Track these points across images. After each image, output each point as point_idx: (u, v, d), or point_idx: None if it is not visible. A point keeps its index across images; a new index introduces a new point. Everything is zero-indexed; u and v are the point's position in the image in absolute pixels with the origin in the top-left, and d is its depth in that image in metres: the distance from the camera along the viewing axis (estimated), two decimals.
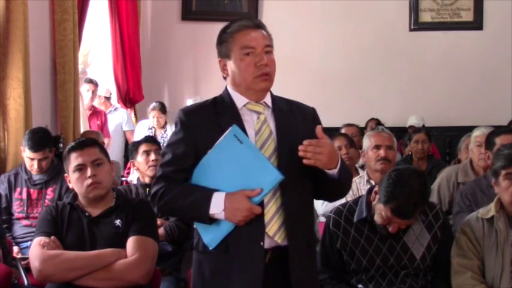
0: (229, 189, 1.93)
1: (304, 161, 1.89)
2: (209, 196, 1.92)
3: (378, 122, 6.55)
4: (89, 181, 2.47)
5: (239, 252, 1.94)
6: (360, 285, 2.51)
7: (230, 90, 2.07)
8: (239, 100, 2.04)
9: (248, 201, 1.89)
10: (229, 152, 1.92)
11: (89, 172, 2.48)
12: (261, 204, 1.92)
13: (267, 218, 1.94)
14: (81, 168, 2.49)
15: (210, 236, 1.98)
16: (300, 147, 1.89)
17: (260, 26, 2.05)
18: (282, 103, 2.10)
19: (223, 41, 2.04)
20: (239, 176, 1.92)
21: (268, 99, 2.07)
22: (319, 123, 2.12)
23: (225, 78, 2.09)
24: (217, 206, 1.91)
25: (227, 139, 1.93)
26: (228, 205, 1.90)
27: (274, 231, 1.94)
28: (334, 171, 1.95)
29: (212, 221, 1.95)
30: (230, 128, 1.93)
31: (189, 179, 2.00)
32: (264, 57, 1.99)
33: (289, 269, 1.95)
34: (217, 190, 1.94)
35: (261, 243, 1.93)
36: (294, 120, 2.05)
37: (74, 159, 2.51)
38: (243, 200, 1.89)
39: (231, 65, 2.03)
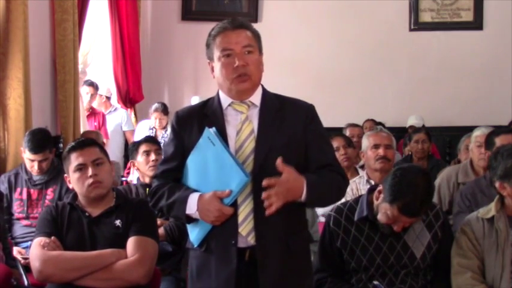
0: (205, 190, 1.99)
1: (267, 212, 1.89)
2: (186, 197, 2.00)
3: (375, 123, 6.53)
4: (90, 180, 2.48)
5: (216, 251, 2.02)
6: (375, 282, 2.48)
7: (219, 91, 2.11)
8: (224, 100, 2.08)
9: (218, 202, 1.94)
10: (204, 154, 2.00)
11: (90, 171, 2.48)
12: (235, 204, 1.96)
13: (240, 218, 1.98)
14: (81, 168, 2.50)
15: (194, 234, 2.07)
16: (264, 196, 1.88)
17: (241, 26, 2.04)
18: (273, 101, 2.10)
19: (208, 44, 2.08)
20: (214, 177, 1.98)
21: (255, 98, 2.08)
22: (316, 120, 2.12)
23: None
24: (191, 206, 1.99)
25: (203, 141, 2.01)
26: (201, 206, 1.97)
27: (247, 232, 1.98)
28: (300, 200, 1.96)
29: (190, 220, 2.03)
30: (205, 130, 2.00)
31: (181, 178, 2.09)
32: (241, 59, 1.99)
33: (258, 268, 1.98)
34: (196, 191, 2.01)
35: (233, 241, 1.98)
36: (281, 119, 2.05)
37: (75, 159, 2.51)
38: (214, 201, 1.94)
39: (215, 67, 2.06)
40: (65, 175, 2.60)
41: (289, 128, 2.04)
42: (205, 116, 2.07)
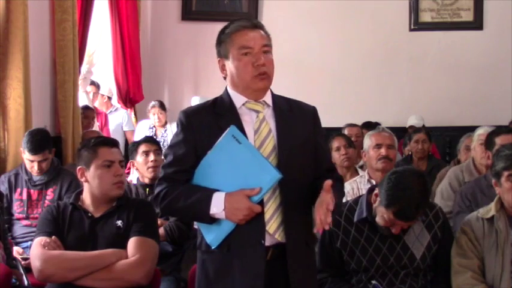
0: (229, 189, 1.95)
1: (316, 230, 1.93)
2: (209, 196, 1.95)
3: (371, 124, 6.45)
4: (116, 179, 2.50)
5: (240, 250, 1.97)
6: (374, 282, 2.48)
7: (229, 90, 2.09)
8: (238, 99, 2.06)
9: (248, 200, 1.92)
10: (228, 153, 1.95)
11: (119, 171, 2.51)
12: (261, 202, 1.95)
13: (267, 216, 1.97)
14: (110, 164, 2.51)
15: (211, 236, 2.01)
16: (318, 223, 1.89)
17: (258, 26, 2.07)
18: (282, 102, 2.12)
19: (221, 42, 2.06)
20: (238, 175, 1.95)
21: (268, 98, 2.09)
22: (319, 123, 2.17)
23: (224, 78, 2.11)
24: (217, 206, 1.94)
25: (226, 140, 1.96)
26: (228, 205, 1.93)
27: (274, 229, 1.98)
28: None
29: (213, 220, 1.97)
30: (228, 128, 1.96)
31: (191, 179, 2.03)
32: (262, 57, 2.01)
33: (288, 266, 1.98)
34: (217, 190, 1.96)
35: (262, 241, 1.96)
36: (294, 120, 2.08)
37: (105, 154, 2.51)
38: (243, 200, 1.92)
39: (229, 65, 2.05)
40: (80, 167, 2.56)
41: (302, 129, 2.08)
42: (219, 115, 2.04)
